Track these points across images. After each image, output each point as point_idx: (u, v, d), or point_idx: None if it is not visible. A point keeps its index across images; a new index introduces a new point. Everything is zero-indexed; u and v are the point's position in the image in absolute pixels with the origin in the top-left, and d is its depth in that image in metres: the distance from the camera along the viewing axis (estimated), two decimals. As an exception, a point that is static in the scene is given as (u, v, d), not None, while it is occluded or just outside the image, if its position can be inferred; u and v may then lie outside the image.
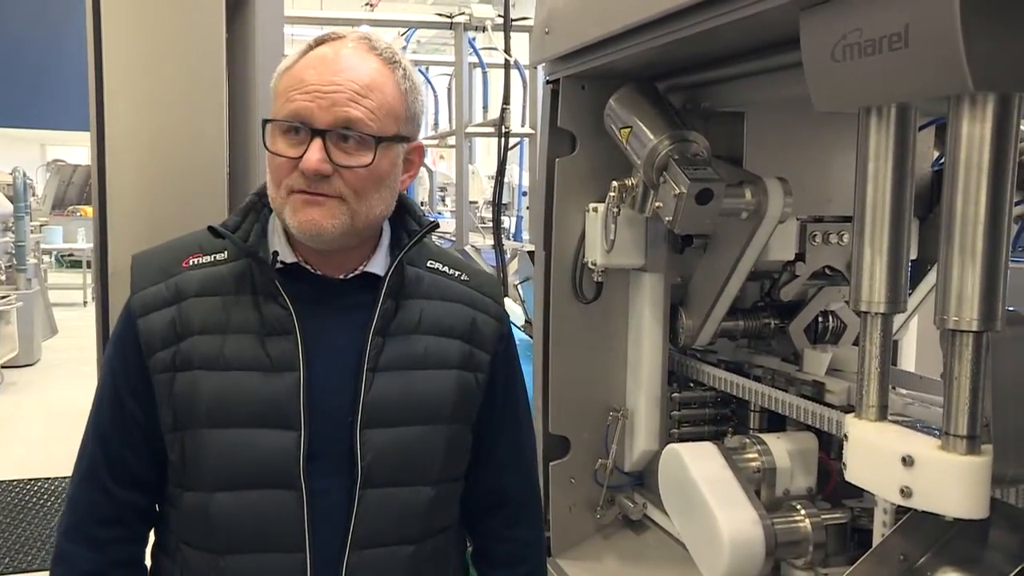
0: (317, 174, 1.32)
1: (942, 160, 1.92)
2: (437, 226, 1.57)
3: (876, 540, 1.54)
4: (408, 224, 1.52)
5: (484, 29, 6.28)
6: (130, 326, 1.43)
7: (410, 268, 1.51)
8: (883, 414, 1.29)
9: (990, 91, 1.07)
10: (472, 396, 1.53)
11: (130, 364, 1.43)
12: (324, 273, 1.46)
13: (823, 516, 1.70)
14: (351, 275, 1.47)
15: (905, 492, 1.20)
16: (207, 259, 1.46)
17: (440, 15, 6.51)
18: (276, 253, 1.43)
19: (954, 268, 1.13)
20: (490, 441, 1.60)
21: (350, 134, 1.34)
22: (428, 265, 1.55)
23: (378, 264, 1.48)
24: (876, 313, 1.28)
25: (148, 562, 1.55)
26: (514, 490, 1.70)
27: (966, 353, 1.14)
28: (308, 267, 1.45)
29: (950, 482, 1.16)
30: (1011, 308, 1.20)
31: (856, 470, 1.30)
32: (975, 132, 1.10)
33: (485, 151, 14.98)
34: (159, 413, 1.42)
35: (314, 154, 1.31)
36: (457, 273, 1.58)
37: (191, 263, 1.46)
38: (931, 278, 1.97)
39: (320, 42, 1.40)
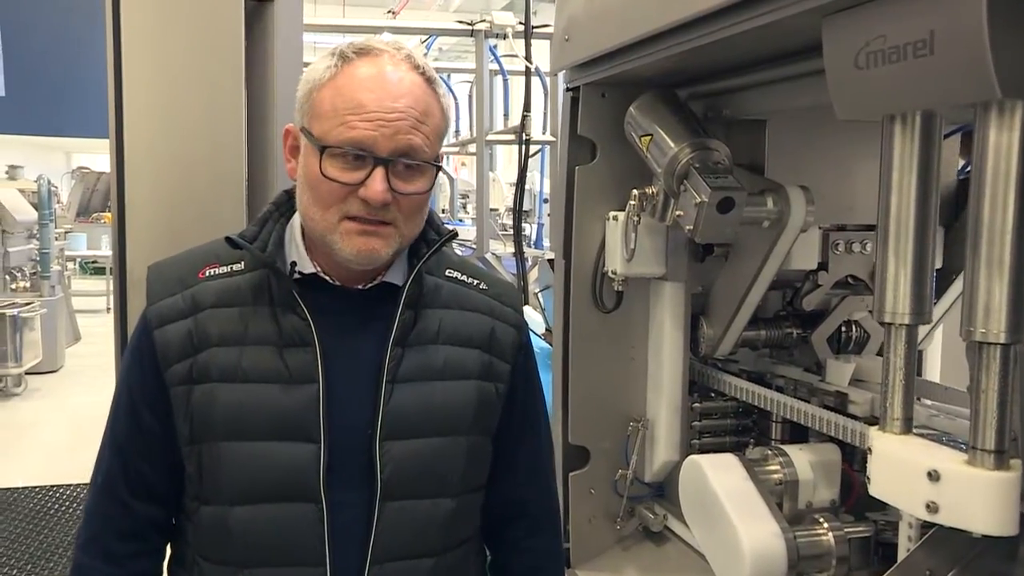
0: (383, 204, 1.32)
1: (968, 169, 1.89)
2: (455, 235, 1.55)
3: (901, 555, 1.52)
4: (427, 234, 1.49)
5: (505, 36, 6.26)
6: (146, 338, 1.42)
7: (429, 278, 1.49)
8: (908, 427, 1.27)
9: (1018, 98, 1.05)
10: (492, 406, 1.51)
11: (147, 376, 1.42)
12: (342, 283, 1.44)
13: (846, 529, 1.68)
14: (370, 285, 1.45)
15: (931, 507, 1.18)
16: (224, 269, 1.44)
17: (461, 22, 6.50)
18: (294, 263, 1.42)
19: (981, 279, 1.11)
20: (509, 451, 1.59)
21: (412, 162, 1.34)
22: (447, 274, 1.54)
23: (397, 274, 1.46)
24: (900, 324, 1.26)
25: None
26: (533, 500, 1.68)
27: (993, 366, 1.12)
28: (327, 277, 1.44)
29: (978, 498, 1.14)
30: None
31: (880, 484, 1.27)
32: (1003, 140, 1.08)
33: (507, 159, 14.96)
34: (176, 425, 1.41)
35: (379, 184, 1.30)
36: (476, 282, 1.57)
37: (208, 273, 1.44)
38: (957, 287, 1.95)
39: (359, 53, 1.36)
